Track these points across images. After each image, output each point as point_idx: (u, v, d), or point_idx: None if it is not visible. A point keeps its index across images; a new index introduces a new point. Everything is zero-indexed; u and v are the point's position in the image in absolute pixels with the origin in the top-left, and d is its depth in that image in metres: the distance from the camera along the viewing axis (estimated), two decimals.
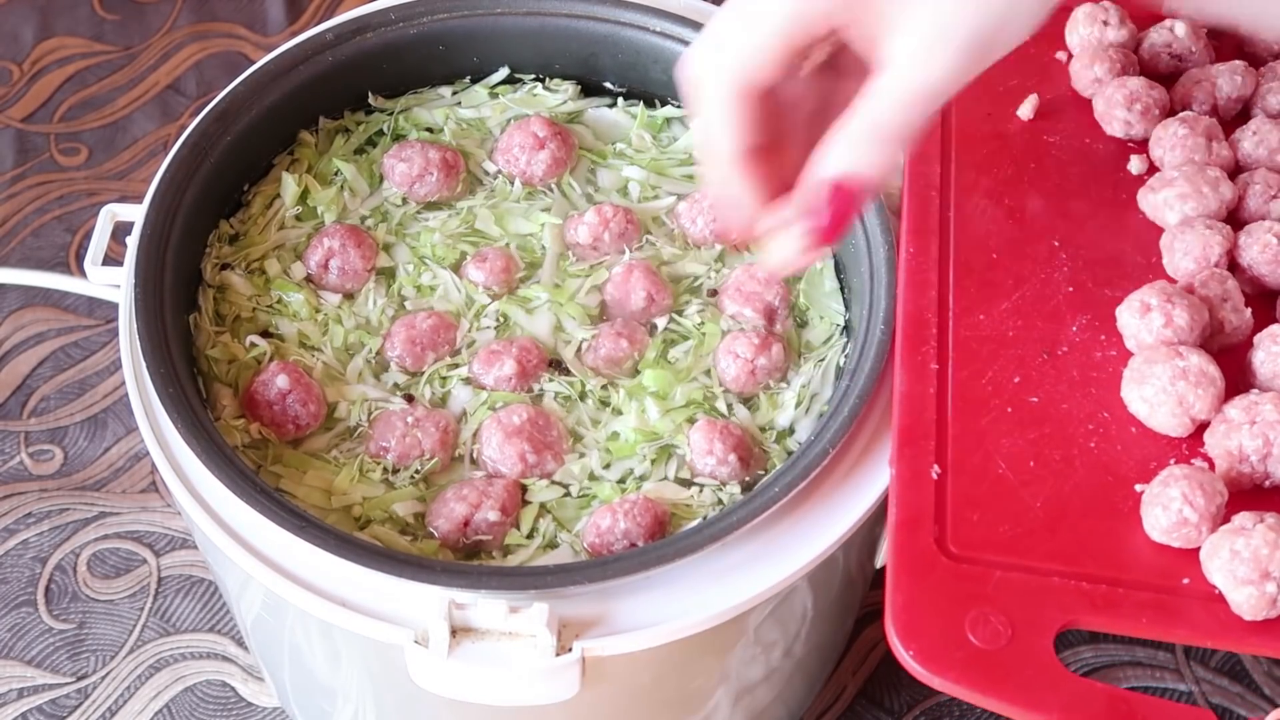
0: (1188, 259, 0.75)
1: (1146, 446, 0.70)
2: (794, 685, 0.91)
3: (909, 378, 0.71)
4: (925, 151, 0.81)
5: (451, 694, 0.70)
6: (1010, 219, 0.79)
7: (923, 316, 0.74)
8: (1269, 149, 0.81)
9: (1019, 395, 0.71)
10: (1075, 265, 0.77)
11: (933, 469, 0.68)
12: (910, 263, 0.76)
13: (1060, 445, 0.69)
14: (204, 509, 0.73)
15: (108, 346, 1.19)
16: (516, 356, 0.79)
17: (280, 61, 0.88)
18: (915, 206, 0.78)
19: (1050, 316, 0.75)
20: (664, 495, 0.76)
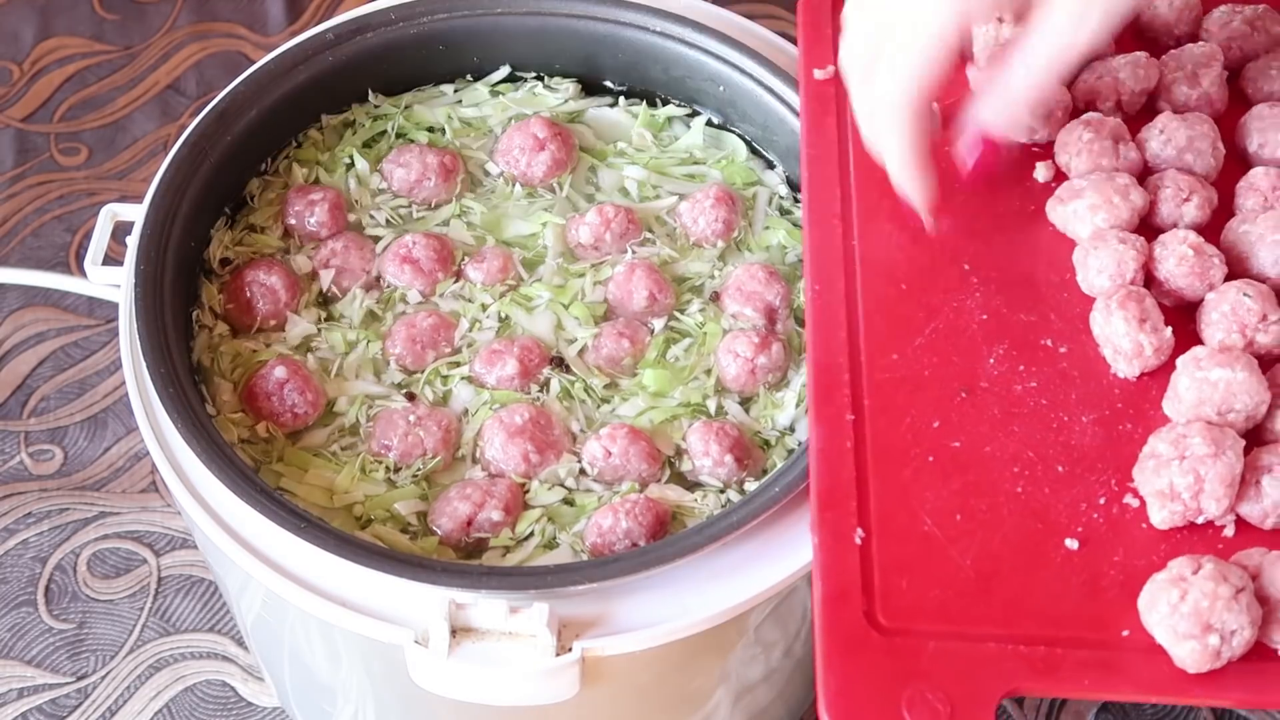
0: (1102, 276, 0.72)
1: (1074, 487, 0.67)
2: (794, 685, 0.91)
3: (824, 432, 0.68)
4: (824, 175, 0.78)
5: (451, 694, 0.70)
6: (917, 243, 0.75)
7: (834, 361, 0.70)
8: (1177, 148, 0.77)
9: (940, 441, 0.68)
10: (987, 290, 0.73)
11: (856, 533, 0.64)
12: (817, 301, 0.72)
13: (986, 493, 0.66)
14: (204, 509, 0.73)
15: (108, 346, 1.19)
16: (518, 356, 0.79)
17: (280, 61, 0.88)
18: (818, 238, 0.75)
19: (966, 350, 0.71)
20: (667, 496, 0.76)
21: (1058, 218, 0.76)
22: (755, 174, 0.90)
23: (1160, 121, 0.78)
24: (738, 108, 0.90)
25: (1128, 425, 0.69)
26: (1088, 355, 0.71)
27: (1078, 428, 0.69)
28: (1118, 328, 0.69)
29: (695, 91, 0.91)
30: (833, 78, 0.81)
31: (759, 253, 0.86)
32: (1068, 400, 0.70)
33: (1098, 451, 0.68)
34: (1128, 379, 0.70)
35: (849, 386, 0.69)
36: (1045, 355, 0.71)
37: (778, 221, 0.87)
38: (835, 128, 0.80)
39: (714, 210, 0.85)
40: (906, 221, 0.75)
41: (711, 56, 0.89)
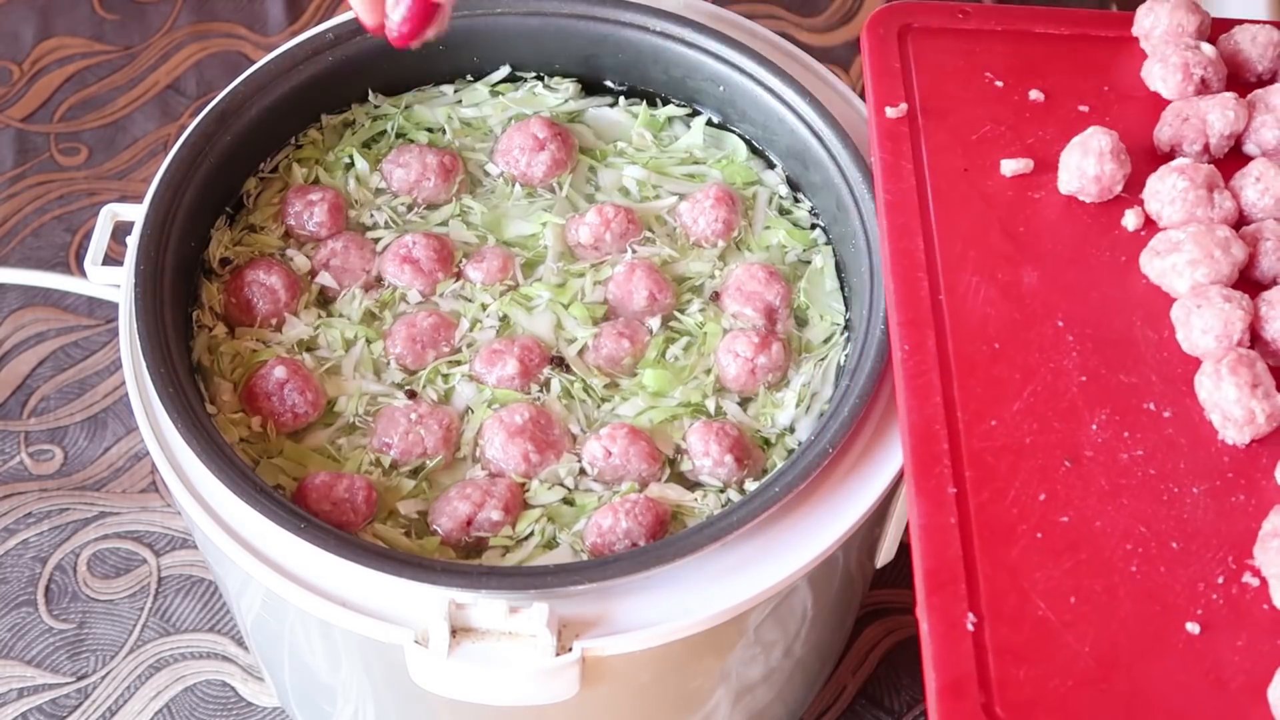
0: (1207, 337, 0.69)
1: (1190, 565, 0.63)
2: (794, 685, 0.91)
3: (926, 507, 0.64)
4: (905, 224, 0.74)
5: (451, 694, 0.70)
6: (1007, 297, 0.72)
7: (931, 429, 0.66)
8: (1275, 197, 0.74)
9: (1047, 516, 0.64)
10: (1084, 349, 0.70)
11: (968, 618, 0.61)
12: (908, 363, 0.69)
13: (1100, 573, 0.63)
14: (204, 509, 0.73)
15: (108, 346, 1.18)
16: (519, 356, 0.79)
17: (280, 61, 0.88)
18: (904, 292, 0.71)
19: (1067, 415, 0.68)
20: (667, 496, 0.76)
21: (1153, 270, 0.73)
22: (755, 174, 0.90)
23: (1256, 169, 0.75)
24: (737, 108, 0.90)
25: (1240, 497, 0.66)
26: (1193, 420, 0.68)
27: (1189, 500, 0.66)
28: (1228, 394, 0.67)
29: (695, 91, 0.91)
30: (904, 116, 0.79)
31: (759, 252, 0.86)
32: (1176, 470, 0.67)
33: (1212, 526, 0.65)
34: (1237, 445, 0.67)
35: (948, 456, 0.66)
36: (1149, 420, 0.68)
37: (778, 221, 0.87)
38: (913, 172, 0.77)
39: (714, 210, 0.85)
40: (995, 274, 0.72)
41: (711, 56, 0.89)
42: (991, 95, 0.81)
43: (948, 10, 0.85)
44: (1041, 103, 0.81)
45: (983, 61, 0.82)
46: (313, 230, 0.85)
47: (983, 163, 0.78)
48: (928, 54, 0.82)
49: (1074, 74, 0.81)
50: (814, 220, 0.87)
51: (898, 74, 0.81)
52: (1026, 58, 0.82)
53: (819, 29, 1.38)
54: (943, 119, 0.79)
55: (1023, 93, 0.81)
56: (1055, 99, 0.81)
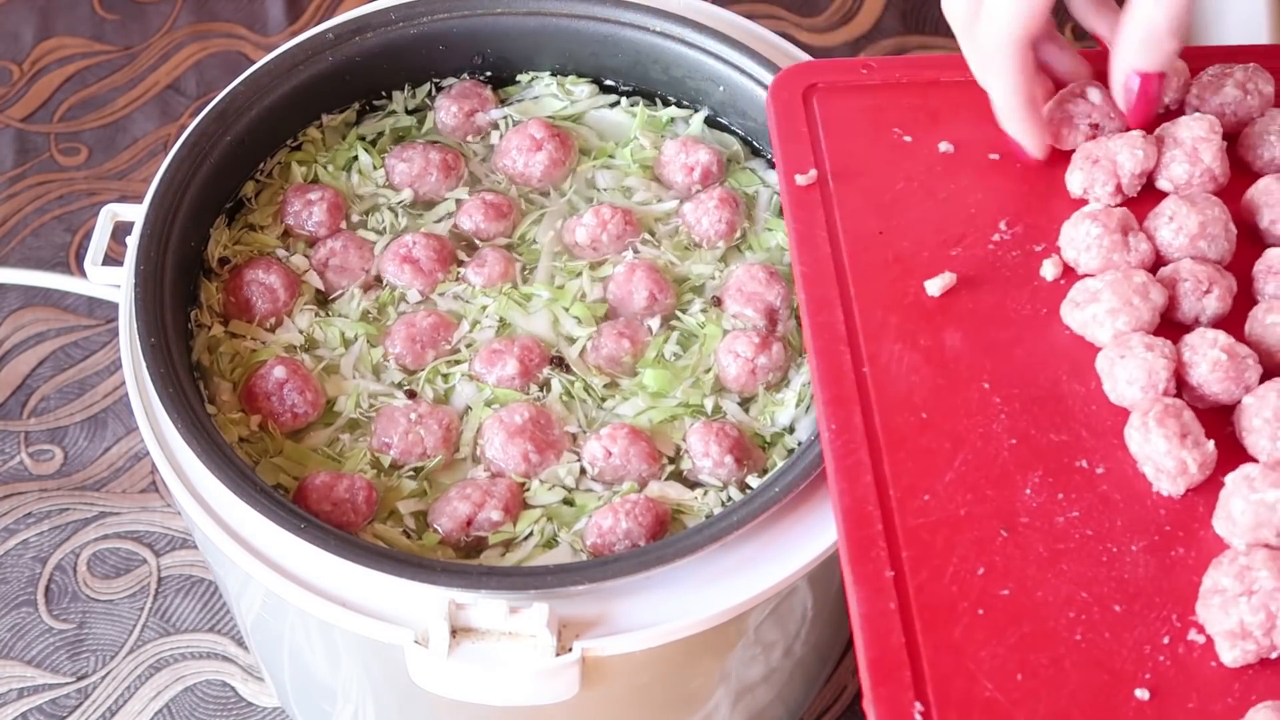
0: (1133, 388, 0.67)
1: (1135, 628, 0.62)
2: (794, 685, 0.91)
3: (864, 594, 0.62)
4: (823, 296, 0.72)
5: (451, 694, 0.70)
6: (930, 363, 0.70)
7: (864, 511, 0.65)
8: (1189, 235, 0.72)
9: (988, 590, 0.63)
10: (1012, 410, 0.68)
11: (915, 709, 0.59)
12: (836, 443, 0.67)
13: (1045, 645, 0.61)
14: (204, 509, 0.73)
15: (108, 346, 1.19)
16: (518, 356, 0.79)
17: (280, 61, 0.88)
18: (826, 368, 0.70)
19: (999, 481, 0.66)
20: (667, 495, 0.76)
21: (1074, 321, 0.71)
22: (756, 175, 0.90)
23: (1168, 208, 0.73)
24: (738, 107, 0.90)
25: (1180, 550, 0.65)
26: (1126, 474, 0.67)
27: (1129, 559, 0.64)
28: (1158, 446, 0.65)
29: (695, 91, 0.91)
30: (815, 182, 0.77)
31: (760, 253, 0.86)
32: (1114, 528, 0.65)
33: (1154, 584, 0.64)
34: (1172, 497, 0.66)
35: (883, 538, 0.64)
36: (1082, 479, 0.67)
37: (778, 222, 0.87)
38: (828, 240, 0.75)
39: (717, 211, 0.85)
40: (917, 339, 0.71)
41: (711, 56, 0.89)
42: (901, 151, 0.79)
43: (851, 67, 0.83)
44: (952, 154, 0.79)
45: (890, 117, 0.80)
46: (311, 230, 0.86)
47: (897, 223, 0.75)
48: (835, 114, 0.80)
49: (982, 121, 0.78)
50: None
51: (805, 138, 0.79)
52: (933, 110, 0.81)
53: (819, 29, 1.38)
54: (854, 181, 0.77)
55: (932, 146, 0.79)
56: (964, 149, 0.79)
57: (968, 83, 0.77)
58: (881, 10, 1.38)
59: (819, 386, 0.69)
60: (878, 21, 1.38)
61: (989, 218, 0.76)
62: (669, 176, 0.89)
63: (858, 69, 0.82)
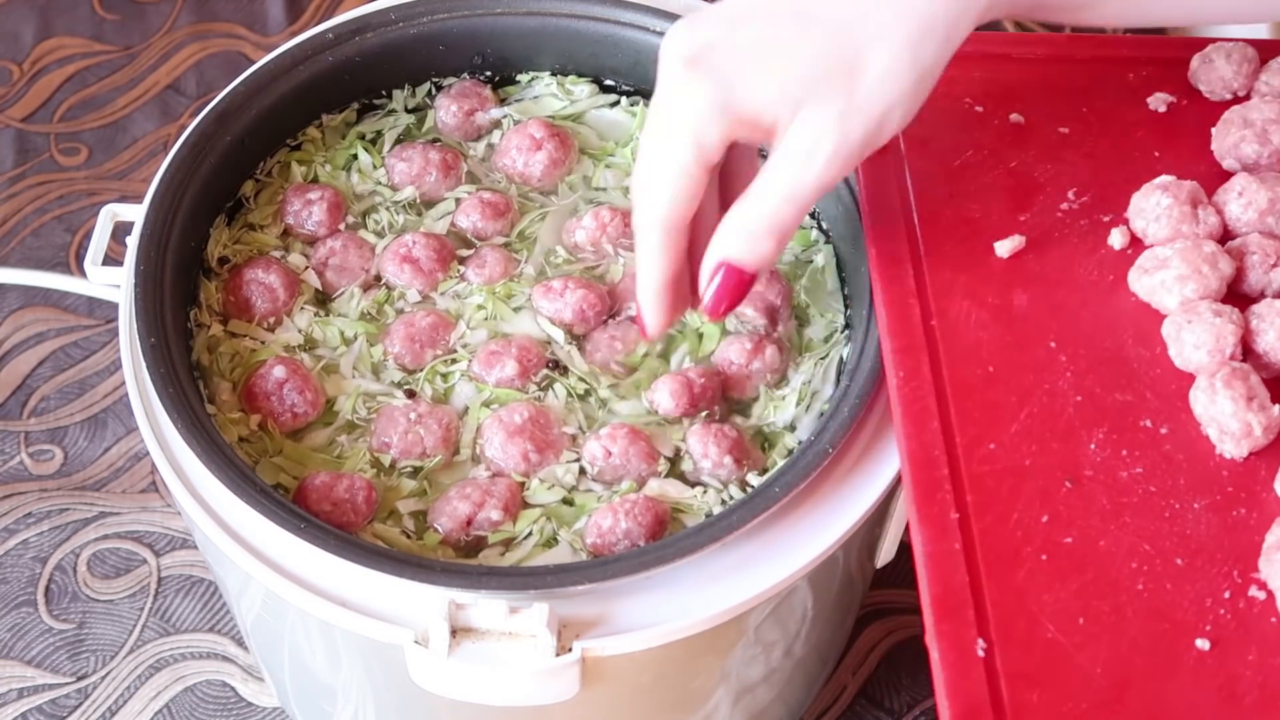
0: (1200, 352, 0.69)
1: (1196, 581, 0.63)
2: (794, 685, 0.91)
3: (931, 535, 0.64)
4: (893, 251, 0.74)
5: (451, 694, 0.70)
6: (998, 320, 0.72)
7: (930, 455, 0.66)
8: (1258, 210, 0.74)
9: (1051, 538, 0.64)
10: (1078, 369, 0.70)
11: (978, 645, 0.61)
12: (903, 389, 0.69)
13: (1108, 594, 0.63)
14: (204, 509, 0.73)
15: (108, 346, 1.19)
16: (517, 356, 0.79)
17: (280, 61, 0.88)
18: (896, 319, 0.71)
19: (1064, 436, 0.68)
20: (667, 494, 0.76)
21: (1142, 288, 0.73)
22: None
23: (1238, 184, 0.76)
24: None
25: (1241, 510, 0.66)
26: (1190, 436, 0.68)
27: (1190, 516, 0.65)
28: (1224, 408, 0.67)
29: None
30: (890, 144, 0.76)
31: None
32: (1176, 486, 0.66)
33: (1215, 541, 0.65)
34: (1235, 459, 0.67)
35: (949, 482, 0.65)
36: (1147, 437, 0.68)
37: None
38: (897, 194, 0.77)
39: None
40: (985, 298, 0.72)
41: None
42: (972, 120, 0.81)
43: None
44: (1022, 125, 0.81)
45: (961, 88, 0.82)
46: (311, 229, 0.86)
47: (967, 188, 0.77)
48: None
49: (1052, 97, 0.81)
50: (815, 220, 0.87)
51: None
52: (1004, 83, 0.82)
53: None
54: (925, 146, 0.79)
55: (1003, 117, 0.81)
56: (1035, 122, 0.81)
57: (1039, 59, 0.80)
58: None
59: (888, 336, 0.71)
60: None
61: (1058, 187, 0.78)
62: None
63: None
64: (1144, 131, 0.81)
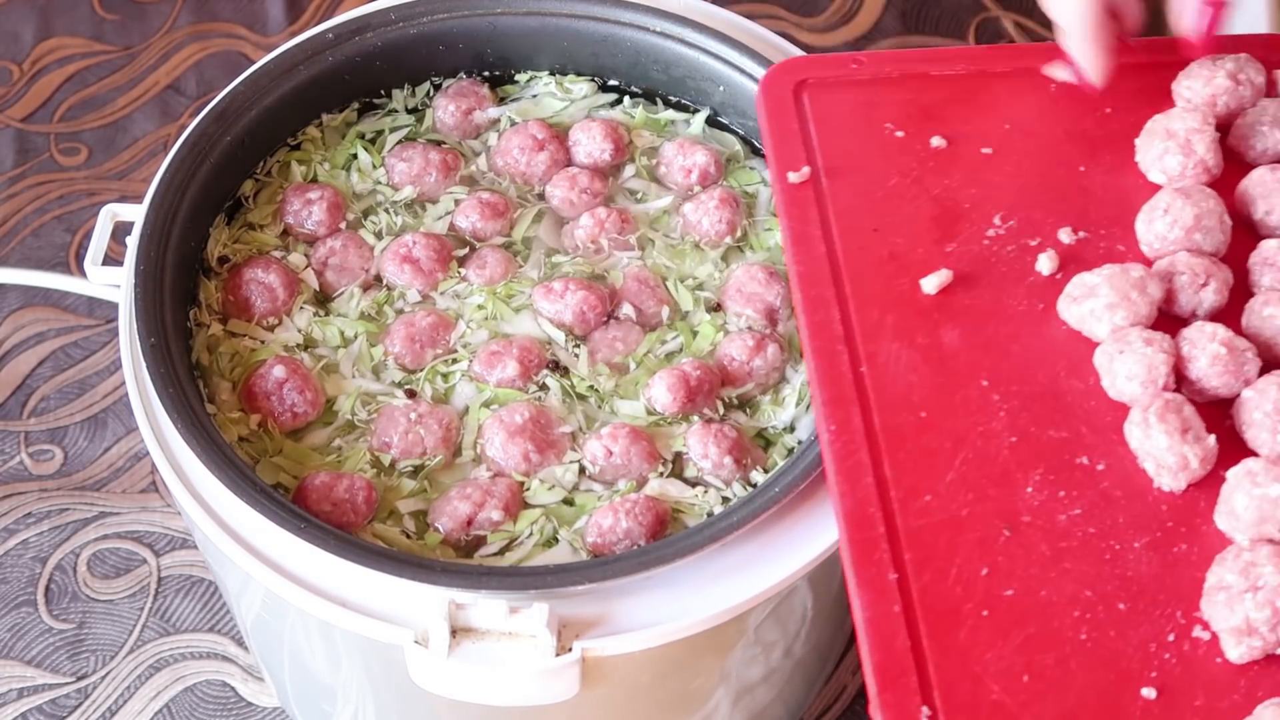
0: (1132, 383, 0.67)
1: (1140, 626, 0.62)
2: (794, 685, 0.91)
3: (869, 598, 0.61)
4: (819, 295, 0.71)
5: (451, 694, 0.70)
6: (928, 361, 0.69)
7: (865, 513, 0.64)
8: (1184, 228, 0.72)
9: (992, 591, 0.62)
10: (1011, 407, 0.68)
11: (922, 713, 0.59)
12: (836, 443, 0.66)
13: (1051, 646, 0.61)
14: (204, 509, 0.73)
15: (108, 346, 1.19)
16: (518, 357, 0.79)
17: (280, 61, 0.88)
18: (824, 368, 0.69)
19: (1001, 480, 0.65)
20: (668, 493, 0.76)
21: (1071, 316, 0.71)
22: (757, 174, 0.90)
23: (1163, 200, 0.73)
24: (738, 107, 0.90)
25: (1183, 546, 0.64)
26: (1127, 470, 0.67)
27: (1131, 556, 0.64)
28: (1159, 442, 0.65)
29: (695, 91, 0.91)
30: (808, 180, 0.76)
31: (760, 252, 0.86)
32: (1116, 525, 0.65)
33: (1157, 581, 0.63)
34: (1173, 492, 0.66)
35: (886, 540, 0.63)
36: (1084, 475, 0.66)
37: (777, 221, 0.87)
38: (822, 239, 0.74)
39: (718, 211, 0.85)
40: (914, 338, 0.70)
41: (711, 56, 0.89)
42: (894, 147, 0.78)
43: (841, 61, 0.82)
44: (944, 149, 0.78)
45: (882, 112, 0.79)
46: (311, 229, 0.86)
47: (892, 220, 0.75)
48: (826, 109, 0.80)
49: (973, 116, 0.79)
50: None
51: (797, 135, 0.78)
52: (924, 104, 0.80)
53: (819, 29, 1.38)
54: (847, 178, 0.77)
55: (924, 141, 0.79)
56: (957, 144, 0.79)
57: (958, 76, 0.77)
58: (881, 10, 1.38)
59: (817, 387, 0.69)
60: (877, 21, 1.38)
61: (983, 212, 0.76)
62: (668, 178, 0.89)
63: (848, 63, 0.82)
64: (1069, 145, 0.79)
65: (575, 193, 0.87)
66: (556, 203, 0.87)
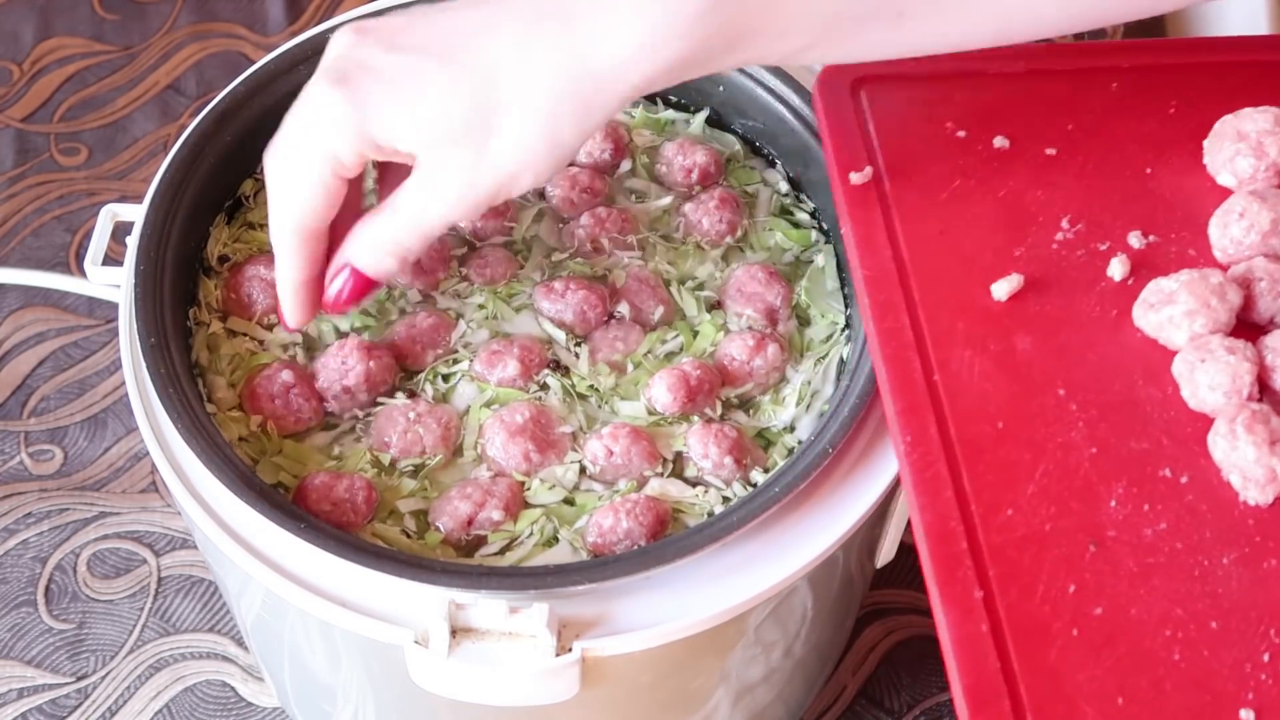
0: (1215, 393, 0.65)
1: (1233, 645, 0.60)
2: (794, 685, 0.91)
3: (955, 617, 0.60)
4: (887, 300, 0.70)
5: (451, 694, 0.70)
6: (1003, 369, 0.68)
7: (947, 528, 0.62)
8: (1261, 232, 0.70)
9: (1081, 609, 0.60)
10: (1090, 417, 0.66)
11: None
12: (912, 455, 0.64)
13: (1144, 667, 0.59)
14: (204, 509, 0.73)
15: (108, 346, 1.19)
16: (519, 356, 0.79)
17: (280, 61, 0.88)
18: (897, 377, 0.67)
19: (1083, 493, 0.64)
20: (668, 493, 0.76)
21: (1148, 324, 0.69)
22: (757, 174, 0.90)
23: (1238, 204, 0.71)
24: (738, 107, 0.90)
25: (1272, 561, 0.63)
26: (1211, 483, 0.65)
27: (1220, 572, 0.62)
28: (1246, 454, 0.64)
29: (695, 91, 0.91)
30: (870, 181, 0.74)
31: (760, 252, 0.86)
32: (1203, 540, 0.63)
33: (1248, 598, 0.61)
34: (1260, 506, 0.64)
35: (969, 556, 0.61)
36: (1167, 489, 0.65)
37: (778, 222, 0.87)
38: (888, 242, 0.72)
39: (718, 211, 0.85)
40: (987, 344, 0.68)
41: None
42: (956, 147, 0.77)
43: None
44: (1007, 149, 0.77)
45: (942, 111, 0.78)
46: None
47: (958, 223, 0.73)
48: (885, 108, 0.78)
49: (1035, 115, 0.77)
50: (815, 220, 0.87)
51: (857, 134, 0.76)
52: (985, 102, 0.78)
53: None
54: (910, 179, 0.75)
55: (987, 141, 0.77)
56: (1020, 144, 0.77)
57: (1015, 74, 0.75)
58: None
59: (890, 396, 0.67)
60: None
61: (1051, 215, 0.74)
62: (668, 177, 0.89)
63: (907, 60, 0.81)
64: (1134, 146, 0.77)
65: (575, 192, 0.87)
66: (556, 202, 0.87)
